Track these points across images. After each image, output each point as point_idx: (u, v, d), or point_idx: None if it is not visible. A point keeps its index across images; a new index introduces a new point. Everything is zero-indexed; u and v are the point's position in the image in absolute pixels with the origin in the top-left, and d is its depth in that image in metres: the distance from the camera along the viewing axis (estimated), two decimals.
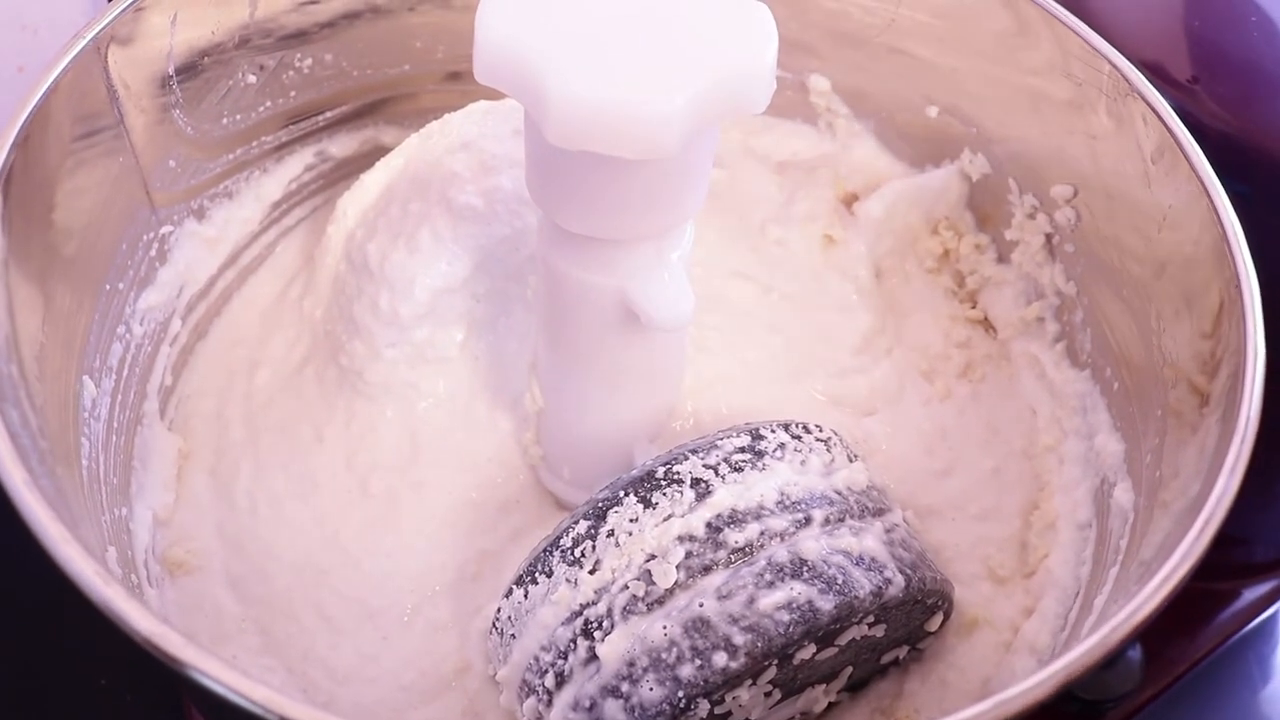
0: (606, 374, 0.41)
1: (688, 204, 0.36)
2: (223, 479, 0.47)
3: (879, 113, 0.51)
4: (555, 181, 0.35)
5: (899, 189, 0.50)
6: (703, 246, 0.49)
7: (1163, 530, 0.35)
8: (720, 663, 0.35)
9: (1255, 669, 0.56)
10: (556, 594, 0.37)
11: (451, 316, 0.46)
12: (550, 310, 0.40)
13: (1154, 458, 0.38)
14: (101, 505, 0.40)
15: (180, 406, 0.49)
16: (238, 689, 0.27)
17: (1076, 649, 0.28)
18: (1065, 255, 0.46)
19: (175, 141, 0.45)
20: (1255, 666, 0.56)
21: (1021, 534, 0.44)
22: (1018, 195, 0.47)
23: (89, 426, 0.41)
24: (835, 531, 0.37)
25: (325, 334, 0.48)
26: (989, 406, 0.47)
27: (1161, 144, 0.40)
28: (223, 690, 0.27)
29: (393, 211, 0.46)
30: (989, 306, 0.49)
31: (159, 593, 0.43)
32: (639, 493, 0.37)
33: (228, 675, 0.27)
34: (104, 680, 0.52)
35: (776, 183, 0.52)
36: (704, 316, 0.47)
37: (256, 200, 0.51)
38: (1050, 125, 0.45)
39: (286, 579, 0.44)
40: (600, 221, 0.35)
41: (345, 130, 0.53)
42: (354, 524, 0.45)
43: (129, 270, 0.45)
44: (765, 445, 0.38)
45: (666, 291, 0.37)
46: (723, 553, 0.36)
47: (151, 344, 0.47)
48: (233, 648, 0.43)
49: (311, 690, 0.42)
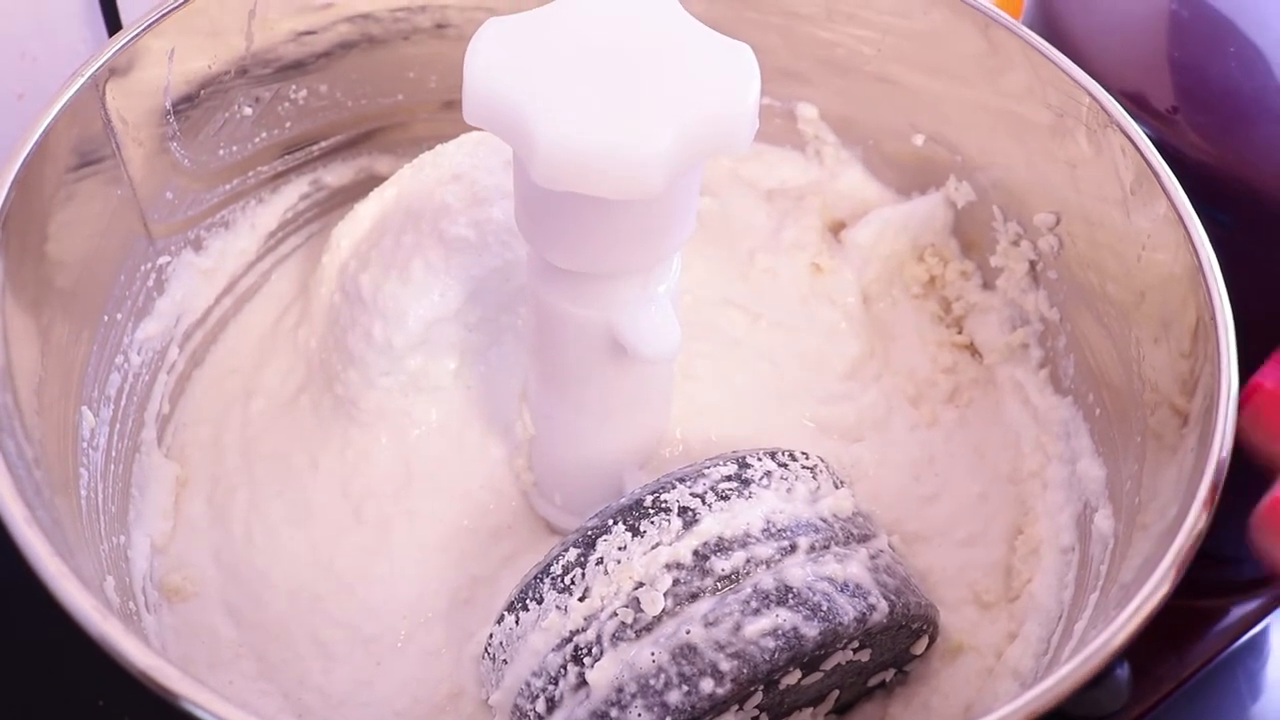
0: (596, 404, 0.41)
1: (673, 239, 0.36)
2: (219, 506, 0.47)
3: (866, 140, 0.52)
4: (543, 219, 0.36)
5: (886, 216, 0.50)
6: (692, 275, 0.50)
7: (1141, 553, 0.36)
8: (707, 689, 0.35)
9: (1244, 686, 0.57)
10: (547, 620, 0.38)
11: (444, 346, 0.47)
12: (539, 341, 0.41)
13: (1133, 483, 0.39)
14: (100, 534, 0.41)
15: (177, 434, 0.49)
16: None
17: (1053, 675, 0.29)
18: (1049, 282, 0.46)
19: (172, 173, 0.46)
20: (1244, 683, 0.57)
21: (1006, 559, 0.44)
22: (1002, 222, 0.48)
23: (88, 456, 0.41)
24: (820, 558, 0.38)
25: (320, 363, 0.49)
26: (975, 432, 0.48)
27: (1139, 174, 0.40)
28: None
29: (385, 243, 0.46)
30: (974, 332, 0.50)
31: (157, 619, 0.44)
32: (627, 521, 0.38)
33: (221, 707, 0.27)
34: (102, 701, 0.52)
35: (765, 211, 0.52)
36: (693, 344, 0.48)
37: (252, 230, 0.51)
38: (1032, 153, 0.45)
39: (282, 605, 0.45)
40: (587, 258, 0.36)
41: (340, 160, 0.53)
42: (348, 551, 0.46)
43: (127, 301, 0.45)
44: (752, 474, 0.39)
45: (653, 324, 0.37)
46: (709, 580, 0.37)
47: (149, 373, 0.47)
48: (229, 673, 0.44)
49: (307, 716, 0.43)
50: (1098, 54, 0.47)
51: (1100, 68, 0.46)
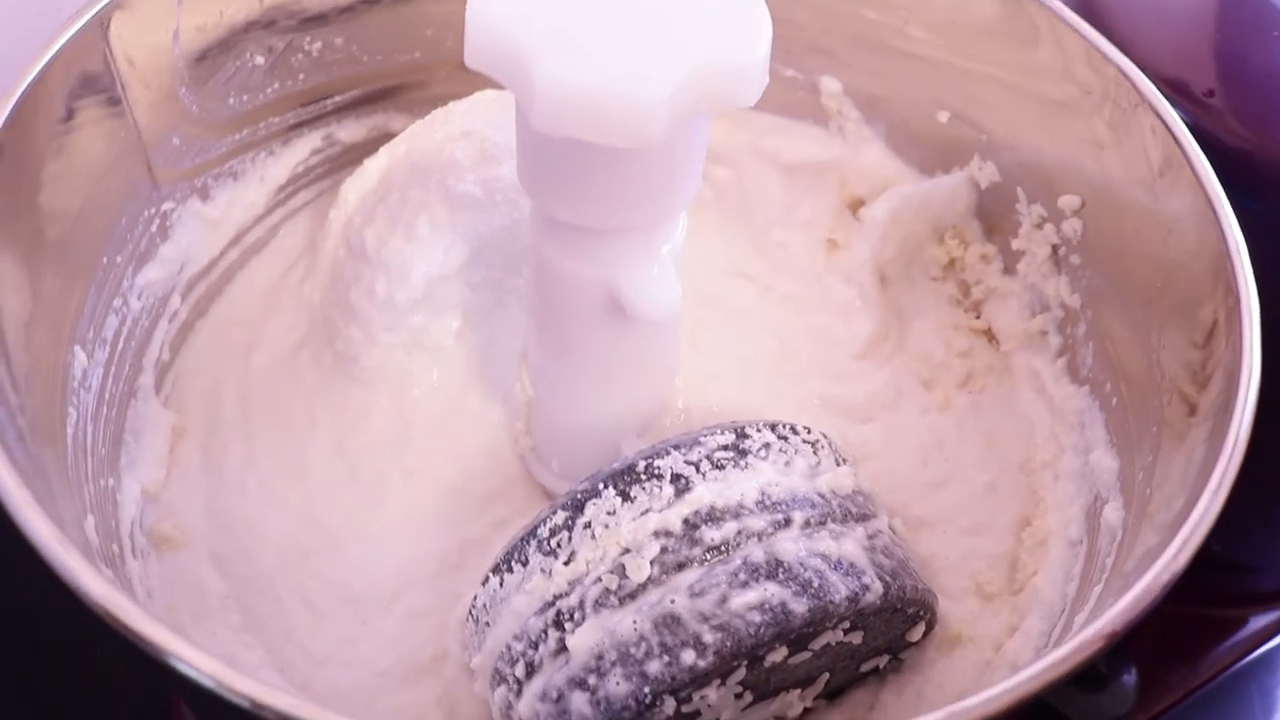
0: (594, 366, 0.40)
1: (677, 196, 0.35)
2: (214, 457, 0.47)
3: (890, 117, 0.51)
4: (543, 169, 0.35)
5: (905, 194, 0.49)
6: (704, 245, 0.49)
7: (1146, 544, 0.34)
8: (688, 660, 0.34)
9: (1257, 700, 0.55)
10: (531, 583, 0.37)
11: (447, 305, 0.46)
12: (539, 299, 0.40)
13: (1146, 475, 0.37)
14: (86, 475, 0.40)
15: (177, 383, 0.49)
16: (184, 656, 0.26)
17: (1042, 661, 0.28)
18: (1071, 267, 0.45)
19: (179, 119, 0.46)
20: (1257, 698, 0.55)
21: (1012, 550, 0.43)
22: (1025, 205, 0.47)
23: (78, 396, 0.41)
24: (815, 534, 0.36)
25: (323, 318, 0.48)
26: (988, 419, 0.46)
27: (1169, 155, 0.39)
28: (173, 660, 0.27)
29: (392, 198, 0.46)
30: (993, 318, 0.48)
31: (143, 565, 0.43)
32: (618, 486, 0.37)
33: (175, 643, 0.27)
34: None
35: (783, 184, 0.51)
36: (700, 314, 0.47)
37: (261, 183, 0.51)
38: (1059, 133, 0.44)
39: (271, 559, 0.44)
40: (588, 211, 0.35)
41: (354, 116, 0.53)
42: (341, 508, 0.45)
43: (128, 245, 0.45)
44: (750, 444, 0.38)
45: (654, 284, 0.36)
46: (698, 550, 0.36)
47: (149, 319, 0.47)
48: (213, 624, 0.43)
49: (288, 670, 0.42)
50: (1134, 35, 0.46)
51: (1136, 49, 0.45)
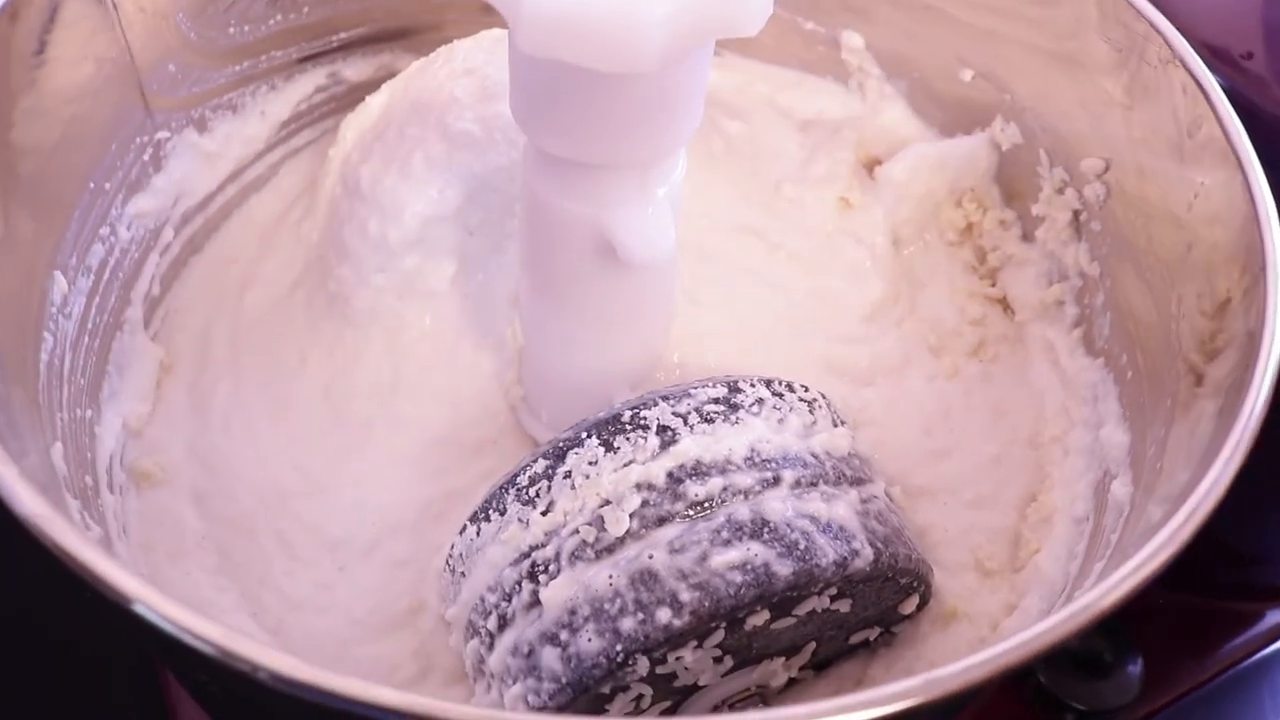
0: (585, 311, 0.39)
1: (674, 131, 0.33)
2: (201, 395, 0.46)
3: (912, 74, 0.49)
4: (534, 97, 0.33)
5: (923, 153, 0.47)
6: (712, 199, 0.48)
7: (1148, 518, 0.32)
8: (663, 619, 0.33)
9: (1268, 698, 0.53)
10: (507, 533, 0.36)
11: (442, 248, 0.45)
12: (530, 240, 0.38)
13: (1158, 449, 0.35)
14: (60, 402, 0.39)
15: (167, 319, 0.48)
16: (109, 579, 0.25)
17: (1028, 631, 0.26)
18: (1091, 234, 0.43)
19: (176, 46, 0.44)
20: (1268, 696, 0.53)
21: (1015, 526, 0.41)
22: (1047, 168, 0.45)
23: (56, 322, 0.40)
24: (805, 495, 0.35)
25: (318, 258, 0.47)
26: (998, 389, 0.44)
27: (1199, 115, 0.37)
28: (98, 579, 0.25)
29: (389, 135, 0.44)
30: (1009, 285, 0.46)
31: (120, 501, 0.42)
32: (601, 435, 0.35)
33: (102, 565, 0.25)
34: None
35: (797, 140, 0.49)
36: (702, 269, 0.45)
37: (262, 117, 0.49)
38: (1086, 93, 0.42)
39: (251, 501, 0.43)
40: (578, 143, 0.33)
41: (360, 54, 0.51)
42: (325, 451, 0.44)
43: (118, 172, 0.43)
44: (742, 399, 0.36)
45: (646, 225, 0.35)
46: (681, 505, 0.34)
47: (139, 250, 0.45)
48: (188, 564, 0.42)
49: (261, 615, 0.41)
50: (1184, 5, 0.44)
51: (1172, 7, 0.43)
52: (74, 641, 0.49)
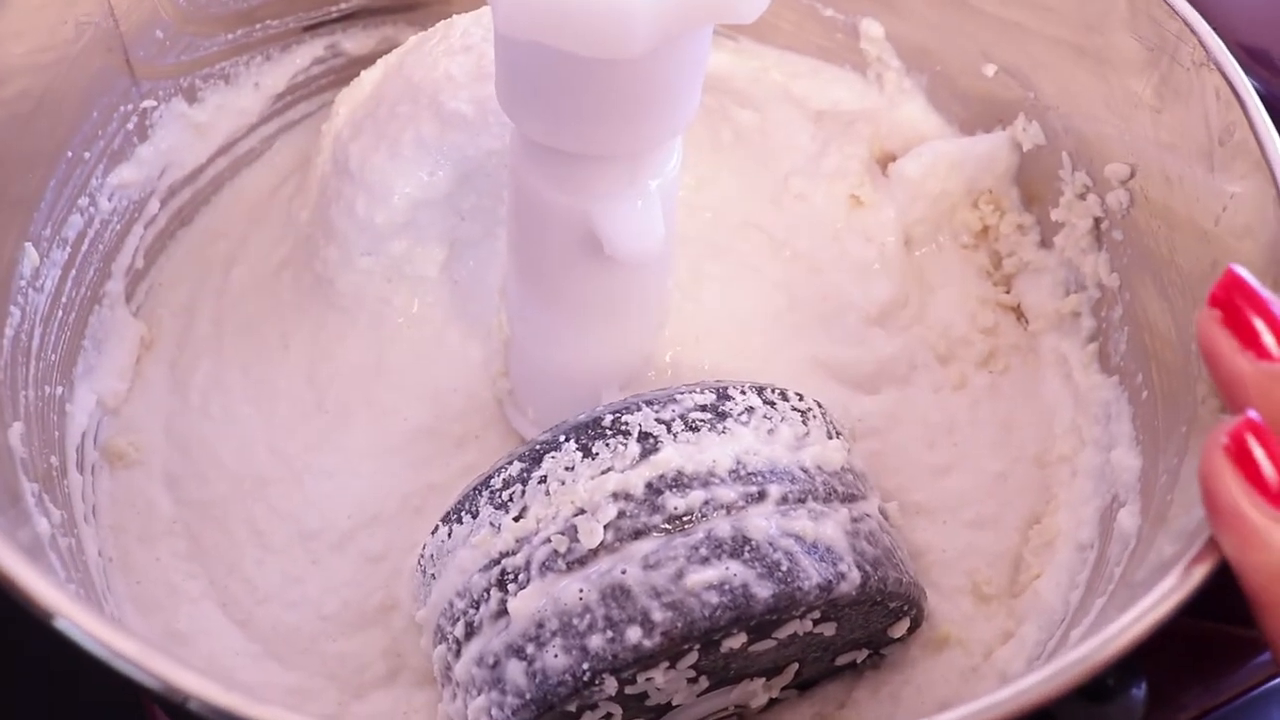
0: (573, 306, 0.37)
1: (666, 120, 0.31)
2: (181, 373, 0.45)
3: (933, 67, 0.47)
4: (518, 82, 0.31)
5: (940, 150, 0.45)
6: (717, 191, 0.46)
7: (1161, 552, 0.30)
8: (633, 638, 0.31)
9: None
10: (478, 537, 0.34)
11: (433, 233, 0.43)
12: (517, 230, 0.36)
13: (1169, 479, 0.33)
14: (25, 380, 0.38)
15: (151, 294, 0.46)
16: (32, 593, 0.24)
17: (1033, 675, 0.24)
18: (1112, 243, 0.41)
19: (164, 10, 0.43)
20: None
21: (1016, 549, 0.39)
22: (1069, 171, 0.42)
23: (25, 296, 0.38)
24: (791, 512, 0.33)
25: (306, 238, 0.45)
26: (1006, 402, 0.42)
27: (1232, 121, 0.34)
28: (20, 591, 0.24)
29: (381, 112, 0.42)
30: (1024, 294, 0.44)
31: (91, 481, 0.41)
32: (580, 440, 0.34)
33: (26, 577, 0.24)
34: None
35: (809, 133, 0.47)
36: (703, 264, 0.43)
37: (256, 89, 0.48)
38: (1114, 93, 0.40)
39: (225, 486, 0.42)
40: (564, 132, 0.31)
41: (361, 26, 0.50)
42: (304, 438, 0.43)
43: (99, 141, 0.42)
44: (730, 406, 0.34)
45: (635, 220, 0.33)
46: (658, 518, 0.32)
47: (121, 223, 0.44)
48: (158, 549, 0.41)
49: (230, 605, 0.40)
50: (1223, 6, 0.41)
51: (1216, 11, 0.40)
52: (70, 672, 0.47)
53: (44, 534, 0.34)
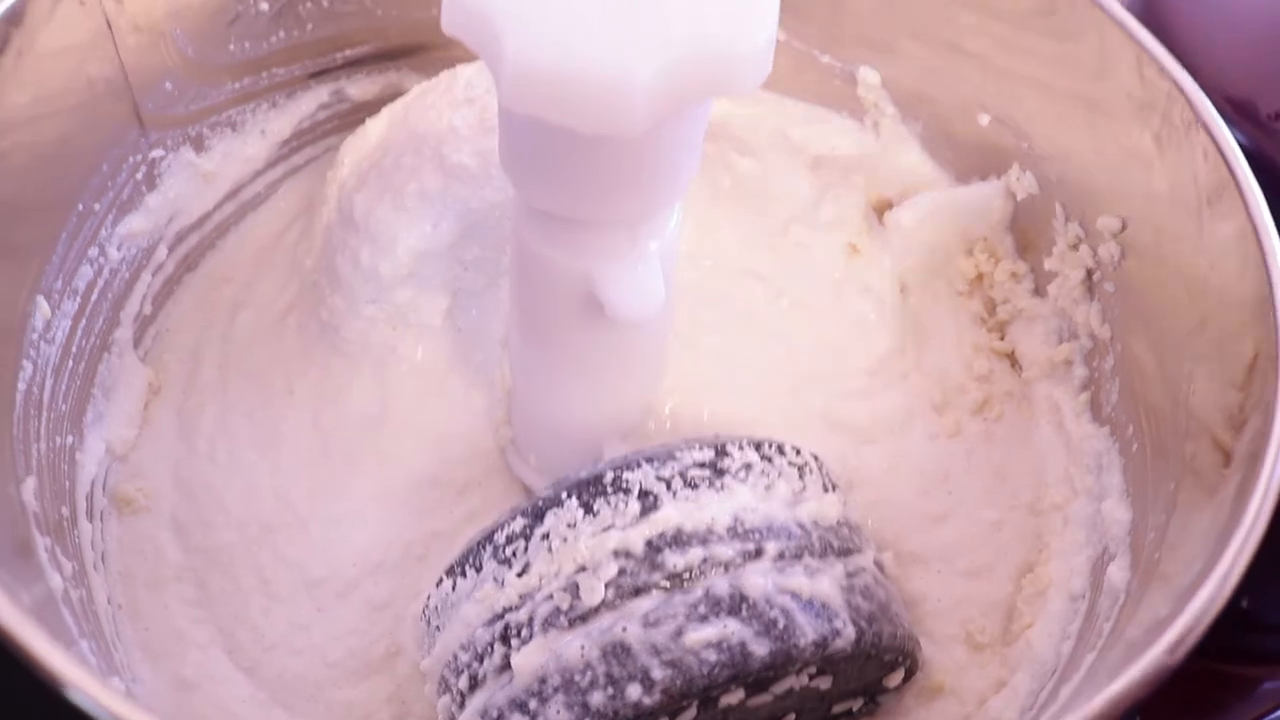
0: (573, 362, 0.38)
1: (666, 188, 0.32)
2: (188, 419, 0.45)
3: (929, 115, 0.47)
4: (520, 150, 0.32)
5: (936, 200, 0.46)
6: (716, 240, 0.46)
7: (1156, 608, 0.31)
8: (633, 696, 0.32)
9: None
10: (481, 592, 0.35)
11: (437, 282, 0.44)
12: (520, 286, 0.37)
13: (1157, 536, 0.34)
14: (36, 433, 0.38)
15: (158, 339, 0.47)
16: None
17: None
18: (1104, 294, 0.41)
19: (174, 63, 0.43)
20: None
21: (1010, 598, 0.40)
22: (1063, 222, 0.43)
23: (36, 349, 0.39)
24: (788, 569, 0.34)
25: (311, 284, 0.46)
26: (1000, 450, 0.43)
27: (1220, 183, 0.35)
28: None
29: (385, 163, 0.43)
30: (1018, 340, 0.45)
31: (100, 528, 0.42)
32: (582, 497, 0.34)
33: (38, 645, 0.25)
34: None
35: (808, 180, 0.48)
36: (701, 314, 0.44)
37: (262, 136, 0.48)
38: (1105, 148, 0.40)
39: (232, 533, 0.42)
40: (565, 199, 0.32)
41: (365, 72, 0.50)
42: (309, 485, 0.43)
43: (109, 192, 0.43)
44: (729, 463, 0.35)
45: (636, 282, 0.33)
46: (658, 575, 0.33)
47: (130, 271, 0.45)
48: (166, 595, 0.42)
49: (237, 652, 0.41)
50: (1199, 46, 0.42)
51: (1200, 61, 0.41)
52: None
53: (57, 590, 0.35)
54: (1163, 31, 0.43)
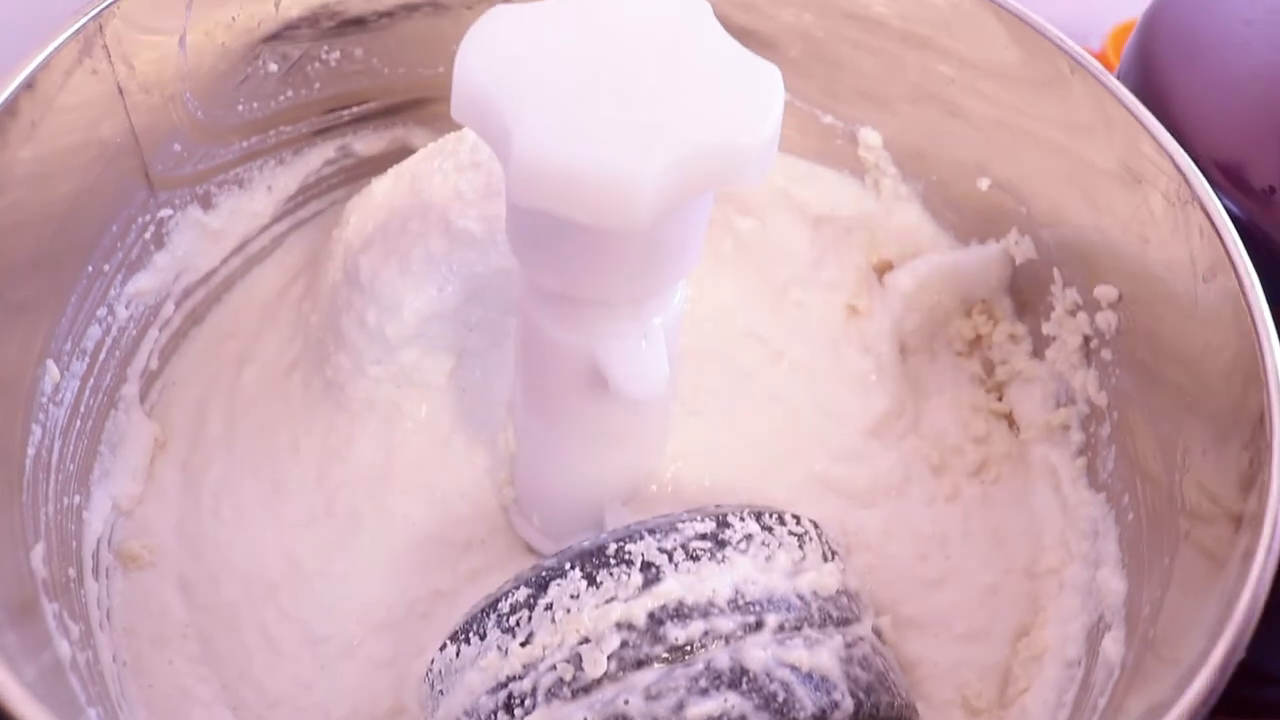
0: (577, 432, 0.38)
1: (670, 272, 0.33)
2: (193, 475, 0.45)
3: (929, 176, 0.48)
4: (526, 233, 0.32)
5: (935, 264, 0.46)
6: (718, 299, 0.47)
7: (1152, 688, 0.31)
8: None
9: None
10: (486, 660, 0.35)
11: (442, 343, 0.44)
12: (525, 359, 0.38)
13: (1152, 611, 0.34)
14: (45, 496, 0.39)
15: (164, 393, 0.47)
16: None
17: None
18: (1101, 362, 0.42)
19: (183, 125, 0.44)
20: None
21: (1006, 661, 0.40)
22: (1060, 287, 0.44)
23: (45, 412, 0.39)
24: (788, 641, 0.34)
25: (317, 341, 0.46)
26: (997, 513, 0.43)
27: (1216, 262, 0.36)
28: None
29: (391, 226, 0.44)
30: (1015, 402, 0.45)
31: (105, 585, 0.42)
32: (585, 568, 0.35)
33: None
34: None
35: (809, 239, 0.48)
36: (703, 377, 0.44)
37: (269, 192, 0.49)
38: (1103, 218, 0.41)
39: (236, 590, 0.43)
40: (571, 282, 0.33)
41: (372, 128, 0.51)
42: (313, 542, 0.44)
43: (118, 253, 0.43)
44: (730, 535, 0.36)
45: (640, 361, 0.34)
46: (660, 648, 0.33)
47: (138, 328, 0.45)
48: (171, 652, 0.42)
49: (241, 710, 0.41)
50: (1195, 117, 0.43)
51: (1196, 132, 0.42)
52: None
53: (65, 658, 0.35)
54: (1157, 96, 0.44)
